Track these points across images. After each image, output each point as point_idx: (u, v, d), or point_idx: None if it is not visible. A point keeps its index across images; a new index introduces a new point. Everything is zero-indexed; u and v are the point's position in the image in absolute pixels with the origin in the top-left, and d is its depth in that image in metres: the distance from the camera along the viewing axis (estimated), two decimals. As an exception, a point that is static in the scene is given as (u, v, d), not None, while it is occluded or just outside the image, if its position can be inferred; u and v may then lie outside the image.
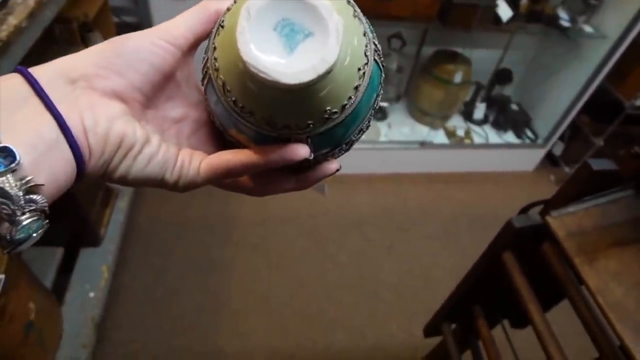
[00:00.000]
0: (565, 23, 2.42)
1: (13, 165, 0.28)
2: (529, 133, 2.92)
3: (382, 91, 0.37)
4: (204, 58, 0.35)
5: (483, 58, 2.71)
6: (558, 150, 3.02)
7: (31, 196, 0.29)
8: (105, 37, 1.92)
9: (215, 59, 0.33)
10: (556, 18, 2.42)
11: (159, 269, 2.06)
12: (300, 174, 0.40)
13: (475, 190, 2.81)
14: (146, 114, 0.38)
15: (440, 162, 2.83)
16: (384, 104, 2.76)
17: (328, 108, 0.31)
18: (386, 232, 2.44)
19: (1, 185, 0.28)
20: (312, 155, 0.35)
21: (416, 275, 2.24)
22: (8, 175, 0.28)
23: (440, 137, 2.80)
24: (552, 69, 2.79)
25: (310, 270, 2.18)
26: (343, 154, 0.39)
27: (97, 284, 1.78)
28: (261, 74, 0.29)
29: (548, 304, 1.10)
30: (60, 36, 1.65)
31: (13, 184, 0.28)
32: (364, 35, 0.32)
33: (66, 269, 1.81)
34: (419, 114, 2.84)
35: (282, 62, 0.29)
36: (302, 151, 0.34)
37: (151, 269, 2.05)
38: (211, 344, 1.85)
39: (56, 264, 1.79)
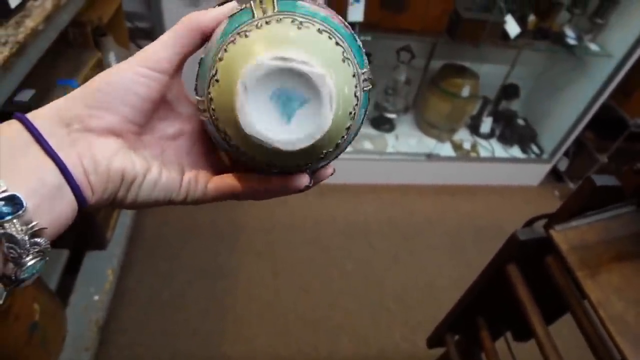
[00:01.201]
0: (572, 41, 2.44)
1: (20, 212, 0.29)
2: (535, 148, 2.94)
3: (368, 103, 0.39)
4: (197, 91, 0.37)
5: (490, 73, 2.73)
6: (563, 165, 3.03)
7: (35, 239, 0.31)
8: (118, 42, 1.95)
9: (213, 109, 0.34)
10: (563, 36, 2.45)
11: (164, 273, 2.07)
12: None
13: (480, 203, 2.82)
14: (143, 140, 0.39)
15: (446, 174, 2.84)
16: (392, 116, 2.78)
17: (324, 150, 0.34)
18: (392, 241, 2.46)
19: (9, 231, 0.29)
20: (312, 182, 0.39)
21: (421, 286, 2.25)
22: (14, 221, 0.29)
23: (447, 149, 2.82)
24: (558, 85, 2.81)
25: (315, 278, 2.20)
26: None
27: (102, 287, 1.77)
28: (263, 143, 0.32)
29: (551, 317, 1.11)
30: (74, 39, 1.68)
31: (19, 229, 0.30)
32: (354, 76, 0.34)
33: (71, 271, 1.82)
34: (427, 126, 2.86)
35: (281, 132, 0.32)
36: (303, 181, 0.38)
37: (157, 273, 2.06)
38: (215, 349, 1.86)
39: (61, 266, 1.80)
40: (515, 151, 2.94)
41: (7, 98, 1.01)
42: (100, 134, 0.35)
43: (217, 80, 0.33)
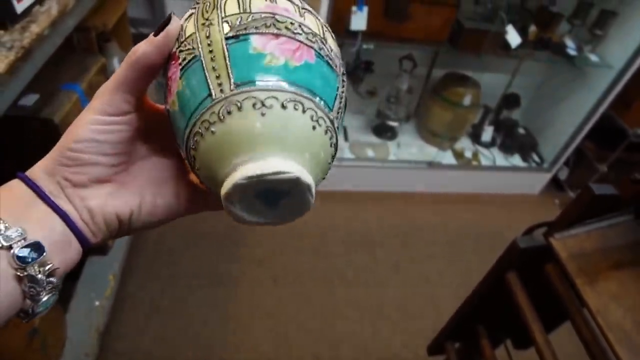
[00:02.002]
0: (572, 51, 2.46)
1: (41, 258, 0.33)
2: (535, 157, 2.94)
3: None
4: (178, 140, 0.36)
5: (492, 82, 2.74)
6: (563, 175, 3.04)
7: (50, 278, 0.34)
8: (122, 47, 1.96)
9: (198, 169, 0.35)
10: (563, 46, 2.47)
11: (165, 280, 2.07)
12: None
13: (481, 211, 2.83)
14: (130, 172, 0.40)
15: (447, 182, 2.85)
16: (394, 124, 2.79)
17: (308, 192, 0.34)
18: (392, 249, 2.46)
19: (32, 273, 0.33)
20: None
21: (421, 293, 2.25)
22: (35, 264, 0.33)
23: (448, 158, 2.83)
24: (559, 95, 2.82)
25: (316, 286, 2.20)
26: None
27: (102, 293, 1.76)
28: (251, 224, 0.36)
29: (551, 325, 1.12)
30: (79, 45, 1.69)
31: (38, 270, 0.33)
32: (326, 132, 0.34)
33: (72, 276, 1.79)
34: (428, 134, 2.87)
35: (269, 216, 0.36)
36: None
37: (158, 280, 2.07)
38: (215, 357, 1.86)
39: (63, 271, 1.79)
40: (516, 160, 2.94)
41: (11, 102, 1.02)
42: (88, 185, 0.37)
43: (198, 169, 0.35)
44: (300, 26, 0.34)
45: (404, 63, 2.49)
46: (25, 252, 0.32)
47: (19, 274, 0.33)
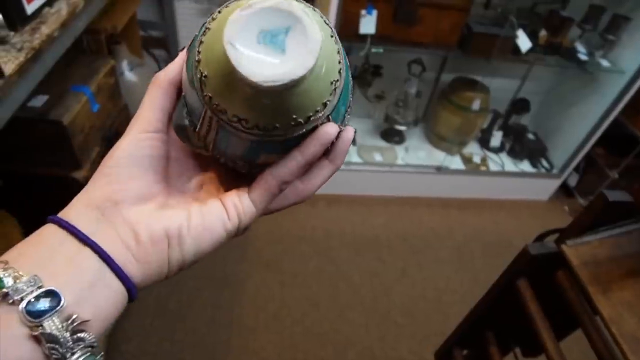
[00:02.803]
0: (583, 56, 2.44)
1: (59, 307, 0.28)
2: (545, 163, 2.93)
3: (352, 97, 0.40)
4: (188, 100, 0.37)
5: (501, 87, 2.73)
6: (573, 181, 3.02)
7: (79, 335, 0.29)
8: (131, 50, 1.97)
9: (206, 77, 0.33)
10: (574, 51, 2.45)
11: (172, 281, 2.07)
12: (329, 155, 0.40)
13: (489, 217, 2.81)
14: (172, 196, 0.38)
15: (456, 187, 2.84)
16: (402, 128, 2.78)
17: (314, 106, 0.34)
18: (400, 254, 2.45)
19: (48, 330, 0.28)
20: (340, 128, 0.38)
21: (428, 299, 2.24)
22: (54, 318, 0.28)
23: (456, 162, 2.82)
24: (569, 100, 2.81)
25: (323, 290, 2.19)
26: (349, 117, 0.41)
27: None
28: (266, 85, 0.31)
29: (562, 332, 1.10)
30: (88, 46, 1.69)
31: (60, 326, 0.28)
32: (338, 53, 0.35)
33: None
34: (437, 139, 2.86)
35: (275, 64, 0.31)
36: (332, 129, 0.36)
37: (164, 281, 2.05)
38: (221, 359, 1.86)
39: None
40: (525, 166, 2.93)
41: (21, 103, 1.02)
42: (131, 203, 0.35)
43: (205, 77, 0.33)
44: None
45: (412, 67, 2.48)
46: (39, 305, 0.28)
47: (33, 332, 0.28)
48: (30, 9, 1.07)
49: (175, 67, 0.38)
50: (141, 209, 0.35)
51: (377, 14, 2.06)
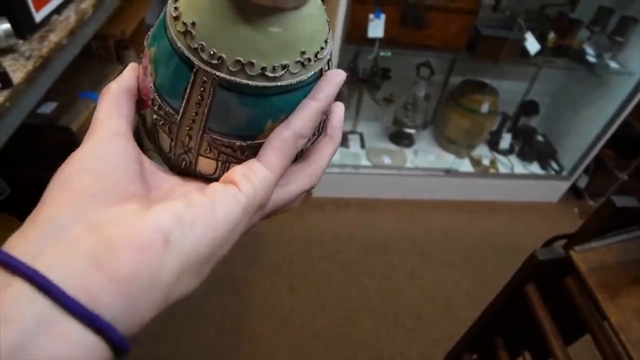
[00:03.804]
0: (592, 59, 2.43)
1: None
2: (554, 165, 2.91)
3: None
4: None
5: (510, 89, 2.72)
6: (582, 183, 3.01)
7: None
8: (140, 56, 1.97)
9: (212, 52, 0.29)
10: (583, 53, 2.44)
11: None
12: (326, 131, 0.37)
13: (499, 219, 2.80)
14: (154, 195, 0.31)
15: (465, 190, 2.83)
16: (411, 131, 2.77)
17: (303, 48, 0.31)
18: (409, 257, 2.45)
19: None
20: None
21: (437, 302, 2.24)
22: None
23: (465, 165, 2.81)
24: (578, 102, 2.79)
25: (331, 293, 2.19)
26: None
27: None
28: (283, 5, 0.28)
29: (570, 338, 1.10)
30: (97, 53, 1.70)
31: None
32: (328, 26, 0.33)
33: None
34: (446, 142, 2.86)
35: None
36: (341, 71, 0.33)
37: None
38: (231, 363, 1.86)
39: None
40: (535, 168, 2.91)
41: (30, 111, 1.03)
42: (102, 204, 0.26)
43: (177, 17, 0.30)
44: None
45: (421, 70, 2.48)
46: None
47: None
48: (38, 17, 1.08)
49: (128, 74, 0.34)
50: (116, 210, 0.26)
51: (385, 17, 2.06)
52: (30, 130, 1.25)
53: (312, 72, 0.32)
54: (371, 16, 2.05)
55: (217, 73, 0.29)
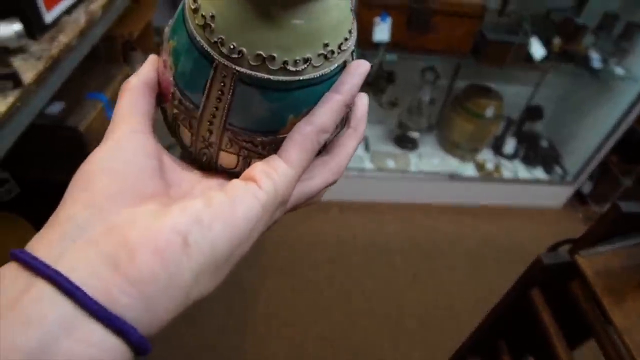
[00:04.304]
0: (597, 64, 2.43)
1: None
2: (559, 170, 2.91)
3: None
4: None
5: (515, 94, 2.72)
6: (587, 188, 3.00)
7: None
8: (146, 57, 1.98)
9: (232, 46, 0.28)
10: (588, 59, 2.44)
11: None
12: (349, 123, 0.36)
13: (502, 224, 2.80)
14: (173, 192, 0.31)
15: (469, 194, 2.83)
16: (415, 135, 2.78)
17: (327, 40, 0.30)
18: (412, 261, 2.45)
19: None
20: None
21: (441, 306, 2.24)
22: None
23: (469, 169, 2.81)
24: (583, 107, 2.79)
25: (335, 296, 2.19)
26: None
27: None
28: None
29: (575, 342, 1.10)
30: (104, 53, 1.71)
31: None
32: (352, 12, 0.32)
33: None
34: (450, 146, 2.86)
35: None
36: (365, 62, 0.33)
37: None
38: (234, 365, 1.86)
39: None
40: (539, 173, 2.91)
41: (39, 111, 1.03)
42: (120, 205, 0.26)
43: (196, 9, 0.29)
44: None
45: (426, 74, 2.48)
46: None
47: None
48: (49, 18, 1.09)
49: (148, 67, 0.33)
50: (134, 210, 0.26)
51: (391, 21, 2.07)
52: (38, 130, 1.25)
53: (336, 65, 0.31)
54: (377, 20, 2.05)
55: (238, 68, 0.28)
